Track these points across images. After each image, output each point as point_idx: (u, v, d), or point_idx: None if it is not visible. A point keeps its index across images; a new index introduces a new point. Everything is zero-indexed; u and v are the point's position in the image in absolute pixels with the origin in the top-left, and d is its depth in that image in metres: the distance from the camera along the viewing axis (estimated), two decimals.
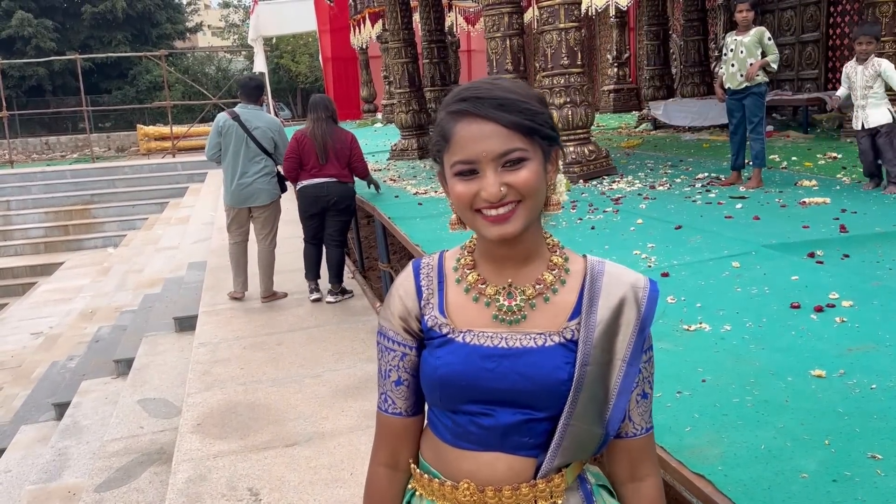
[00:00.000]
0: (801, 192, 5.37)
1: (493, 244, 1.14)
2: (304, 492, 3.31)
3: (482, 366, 1.12)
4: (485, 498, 1.13)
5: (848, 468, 1.68)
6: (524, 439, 1.13)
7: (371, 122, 19.34)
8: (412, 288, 1.21)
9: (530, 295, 1.15)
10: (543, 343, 1.12)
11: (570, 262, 1.19)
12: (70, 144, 27.39)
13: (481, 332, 1.14)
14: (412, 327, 1.20)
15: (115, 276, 11.29)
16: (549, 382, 1.10)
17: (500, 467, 1.13)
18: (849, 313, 2.74)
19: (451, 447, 1.17)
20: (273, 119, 6.26)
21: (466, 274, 1.18)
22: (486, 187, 1.07)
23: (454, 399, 1.14)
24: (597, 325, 1.12)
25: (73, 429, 5.28)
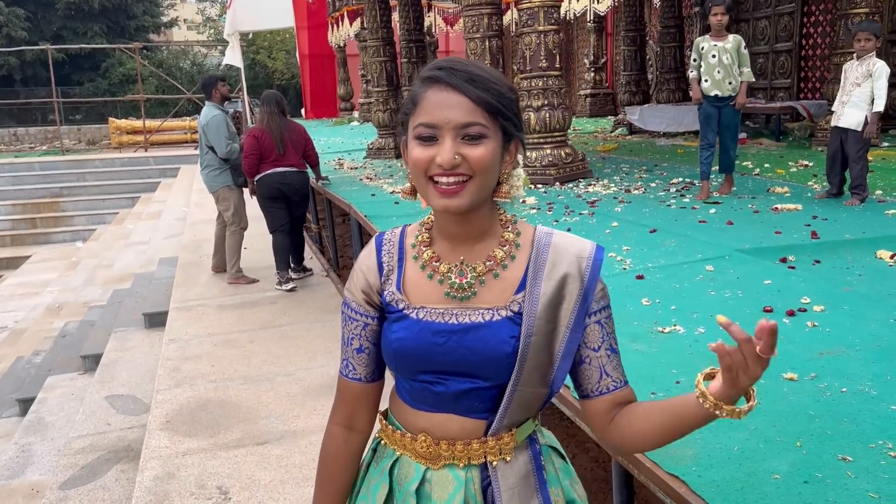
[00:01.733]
0: (773, 199, 5.44)
1: (447, 221, 1.20)
2: (274, 490, 3.28)
3: (433, 341, 1.18)
4: (439, 450, 1.22)
5: (819, 470, 1.70)
6: (474, 404, 1.21)
7: (348, 121, 19.25)
8: (374, 263, 1.27)
9: (480, 272, 1.20)
10: (491, 318, 1.18)
11: (520, 237, 1.23)
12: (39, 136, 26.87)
13: (433, 309, 1.20)
14: (373, 300, 1.27)
15: (84, 271, 11.10)
16: (495, 356, 1.16)
17: (453, 427, 1.22)
18: (820, 318, 2.78)
19: (411, 408, 1.25)
20: (208, 112, 6.54)
21: (423, 251, 1.24)
22: (441, 153, 1.11)
23: (408, 369, 1.22)
24: (540, 298, 1.17)
25: (38, 425, 5.17)
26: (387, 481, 1.26)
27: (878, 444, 1.80)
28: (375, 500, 1.27)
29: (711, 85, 5.69)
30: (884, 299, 2.99)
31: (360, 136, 13.95)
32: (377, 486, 1.28)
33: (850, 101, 5.16)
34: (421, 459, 1.24)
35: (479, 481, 1.22)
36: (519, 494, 1.22)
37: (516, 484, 1.22)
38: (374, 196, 6.54)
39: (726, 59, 5.61)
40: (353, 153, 11.15)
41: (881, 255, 3.67)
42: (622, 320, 2.90)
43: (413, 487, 1.22)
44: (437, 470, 1.23)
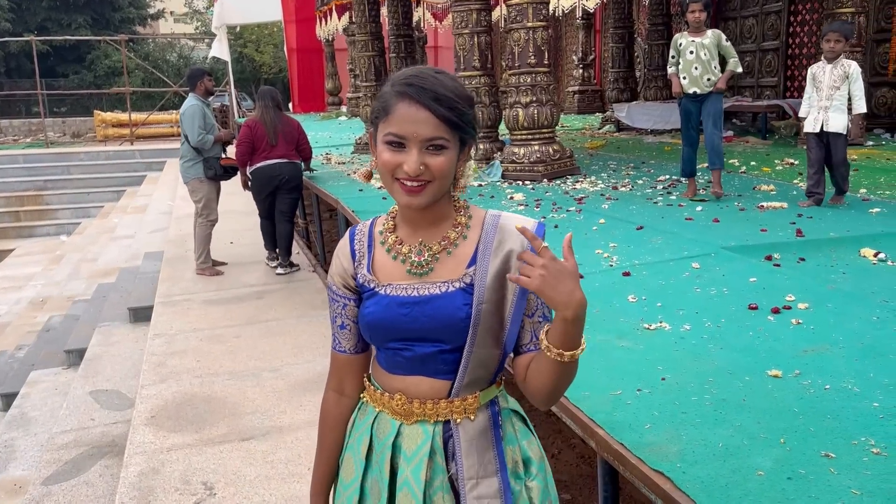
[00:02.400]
0: (759, 197, 5.47)
1: (407, 211, 1.40)
2: (260, 486, 3.27)
3: (399, 312, 1.37)
4: (412, 408, 1.40)
5: (802, 466, 1.71)
6: (439, 366, 1.39)
7: (336, 115, 19.17)
8: (348, 251, 1.47)
9: (436, 251, 1.39)
10: (446, 290, 1.36)
11: (472, 220, 1.41)
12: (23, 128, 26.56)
13: (398, 285, 1.39)
14: (349, 283, 1.46)
15: (68, 265, 11.01)
16: (452, 321, 1.34)
17: (423, 387, 1.40)
18: (804, 315, 2.80)
19: (387, 372, 1.44)
20: (187, 104, 6.61)
21: (388, 237, 1.44)
22: (408, 162, 1.29)
23: (381, 338, 1.41)
24: (489, 271, 1.35)
25: (21, 420, 5.13)
26: (368, 434, 1.45)
27: (861, 441, 1.82)
28: (359, 451, 1.47)
29: (689, 82, 5.63)
30: (867, 297, 3.02)
31: (348, 130, 13.90)
32: (360, 438, 1.48)
33: (833, 106, 5.03)
34: (397, 416, 1.42)
35: (443, 434, 1.40)
36: (476, 447, 1.40)
37: (474, 437, 1.40)
38: (361, 191, 6.52)
39: (704, 54, 5.55)
40: (340, 148, 11.11)
41: (865, 254, 3.70)
42: (608, 317, 2.91)
43: (390, 440, 1.41)
44: (409, 425, 1.41)
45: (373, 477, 1.44)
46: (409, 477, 1.38)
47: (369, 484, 1.44)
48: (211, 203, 6.81)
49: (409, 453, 1.39)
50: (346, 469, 1.50)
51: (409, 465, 1.39)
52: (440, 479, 1.38)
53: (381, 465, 1.41)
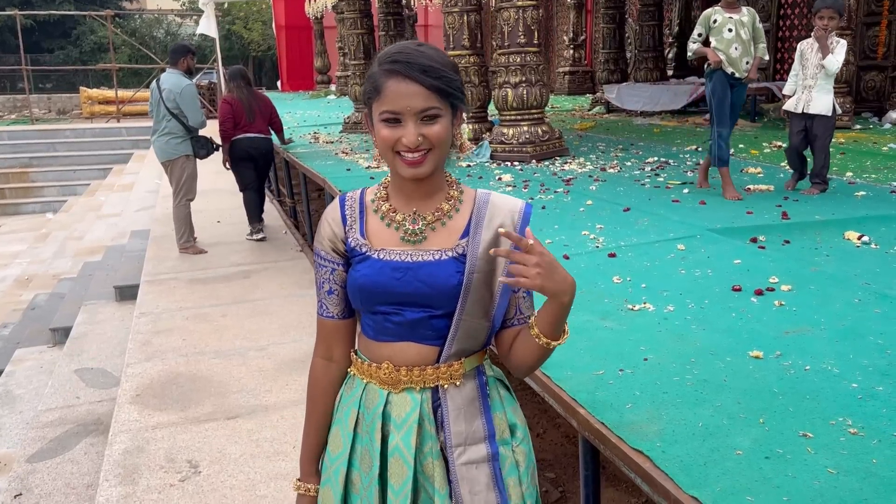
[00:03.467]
0: (746, 179, 5.49)
1: (405, 182, 1.42)
2: (245, 464, 3.27)
3: (392, 276, 1.41)
4: (399, 376, 1.43)
5: (780, 446, 1.73)
6: (427, 332, 1.43)
7: (324, 94, 19.04)
8: (338, 216, 1.49)
9: (430, 220, 1.43)
10: (440, 257, 1.41)
11: (463, 195, 1.47)
12: (8, 104, 26.22)
13: (392, 250, 1.43)
14: (338, 248, 1.49)
15: (54, 243, 10.92)
16: (444, 287, 1.39)
17: (411, 352, 1.43)
18: (787, 297, 2.82)
19: (374, 341, 1.47)
20: (179, 81, 6.48)
21: (381, 205, 1.47)
22: (406, 135, 1.34)
23: (371, 301, 1.43)
24: (481, 243, 1.40)
25: (6, 398, 5.10)
26: (356, 407, 1.49)
27: (839, 421, 1.84)
28: (347, 424, 1.50)
29: (728, 62, 5.00)
30: (850, 280, 3.04)
31: (337, 109, 13.81)
32: (348, 411, 1.51)
33: (818, 85, 4.89)
34: (384, 385, 1.45)
35: (431, 402, 1.44)
36: (465, 415, 1.44)
37: (463, 406, 1.44)
38: (349, 171, 6.49)
39: (744, 33, 4.97)
40: (329, 127, 11.04)
41: (849, 237, 3.73)
42: (593, 298, 2.92)
43: (379, 409, 1.44)
44: (397, 393, 1.44)
45: (362, 447, 1.47)
46: (400, 443, 1.42)
47: (358, 454, 1.48)
48: (193, 181, 6.78)
49: (398, 421, 1.43)
50: (334, 442, 1.52)
51: (399, 432, 1.42)
52: (429, 446, 1.43)
53: (372, 434, 1.44)
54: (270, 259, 6.69)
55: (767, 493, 1.54)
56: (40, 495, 3.53)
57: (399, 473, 1.43)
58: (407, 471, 1.42)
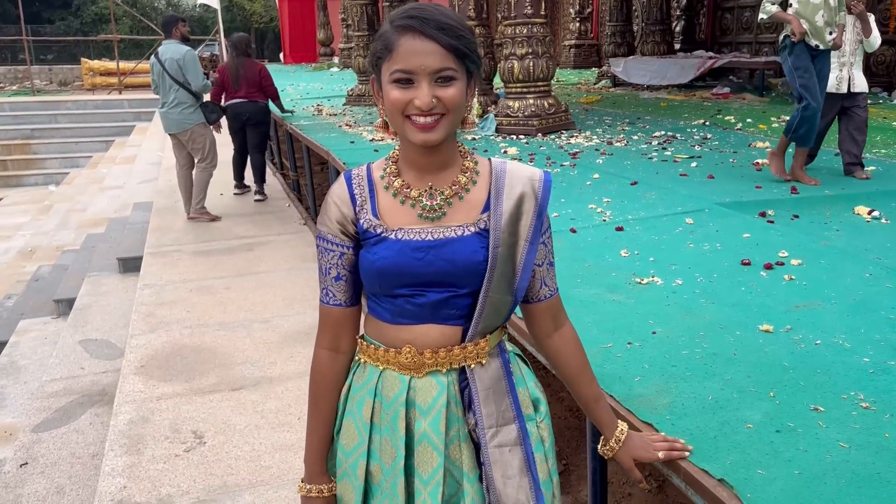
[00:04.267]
0: (754, 154, 5.43)
1: (416, 153, 1.34)
2: (249, 435, 3.28)
3: (413, 256, 1.32)
4: (423, 359, 1.36)
5: (791, 419, 1.71)
6: (451, 311, 1.36)
7: (327, 67, 18.88)
8: (346, 196, 1.39)
9: (448, 195, 1.35)
10: (462, 233, 1.34)
11: (479, 165, 1.40)
12: (9, 76, 26.04)
13: (410, 229, 1.34)
14: (349, 230, 1.38)
15: (57, 215, 10.90)
16: (469, 264, 1.33)
17: (434, 334, 1.36)
18: (797, 271, 2.79)
19: (392, 324, 1.38)
20: (178, 48, 6.59)
21: (393, 181, 1.37)
22: (420, 97, 1.24)
23: (391, 286, 1.35)
24: (503, 215, 1.34)
25: (10, 368, 5.11)
26: (371, 396, 1.40)
27: (850, 395, 1.82)
28: (362, 414, 1.41)
29: (813, 33, 4.36)
30: (860, 254, 3.01)
31: (340, 82, 13.70)
32: (362, 401, 1.41)
33: (857, 62, 4.63)
34: (405, 371, 1.37)
35: (458, 384, 1.38)
36: (493, 395, 1.39)
37: (491, 385, 1.39)
38: (353, 143, 6.43)
39: (833, 1, 4.36)
40: (332, 99, 10.95)
41: (859, 211, 3.69)
42: (601, 271, 2.90)
43: (402, 397, 1.36)
44: (420, 378, 1.37)
45: (382, 438, 1.39)
46: (428, 430, 1.35)
47: (377, 446, 1.40)
48: (215, 147, 6.95)
49: (423, 407, 1.36)
50: (347, 436, 1.43)
51: (426, 418, 1.35)
52: (456, 429, 1.37)
53: (394, 423, 1.37)
54: (274, 232, 6.67)
55: (778, 466, 1.52)
56: (46, 464, 3.54)
57: (428, 461, 1.36)
58: (437, 457, 1.35)
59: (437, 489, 1.35)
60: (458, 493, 1.38)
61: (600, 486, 2.02)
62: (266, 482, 2.93)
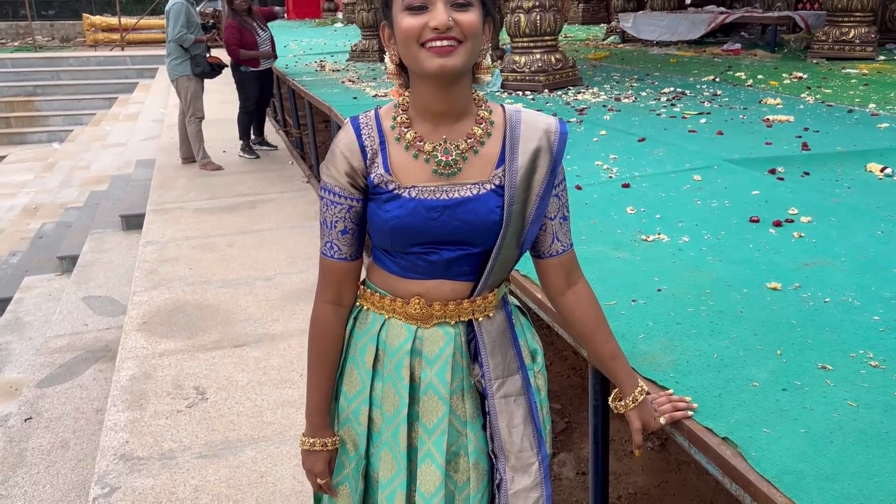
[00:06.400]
0: (765, 110, 5.32)
1: (430, 94, 1.26)
2: (252, 391, 3.28)
3: (428, 216, 1.28)
4: (432, 311, 1.35)
5: (798, 378, 1.68)
6: (463, 268, 1.35)
7: (331, 22, 18.58)
8: (356, 147, 1.31)
9: (463, 149, 1.30)
10: (478, 192, 1.29)
11: (493, 115, 1.34)
12: (10, 32, 25.75)
13: (424, 187, 1.29)
14: (358, 183, 1.32)
15: (60, 172, 10.86)
16: (485, 224, 1.30)
17: (445, 289, 1.35)
18: (807, 229, 2.73)
19: (400, 277, 1.35)
20: (172, 2, 6.81)
21: (404, 132, 1.30)
22: (436, 16, 1.18)
23: (404, 244, 1.32)
24: (518, 171, 1.30)
25: (15, 324, 5.13)
26: (374, 343, 1.39)
27: (859, 354, 1.78)
28: (364, 361, 1.40)
29: None
30: (871, 212, 2.94)
31: (344, 37, 13.47)
32: (364, 348, 1.40)
33: None
34: (412, 321, 1.36)
35: (465, 335, 1.39)
36: (499, 347, 1.40)
37: (496, 338, 1.40)
38: (356, 99, 6.33)
39: None
40: (335, 55, 10.77)
41: (871, 168, 3.61)
42: (606, 228, 2.84)
43: (407, 346, 1.35)
44: (428, 328, 1.36)
45: (385, 385, 1.38)
46: (434, 379, 1.35)
47: (378, 394, 1.40)
48: (197, 100, 7.09)
49: (430, 356, 1.36)
50: (350, 382, 1.43)
51: (433, 367, 1.36)
52: (460, 379, 1.38)
53: (398, 372, 1.36)
54: (276, 190, 6.62)
55: (784, 424, 1.49)
56: (50, 419, 3.56)
57: (433, 410, 1.36)
58: (443, 407, 1.36)
59: (441, 437, 1.35)
60: (459, 441, 1.39)
61: (602, 443, 2.00)
62: (268, 438, 2.94)
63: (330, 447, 1.44)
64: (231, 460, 2.80)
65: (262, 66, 7.53)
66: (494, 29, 1.33)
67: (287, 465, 2.76)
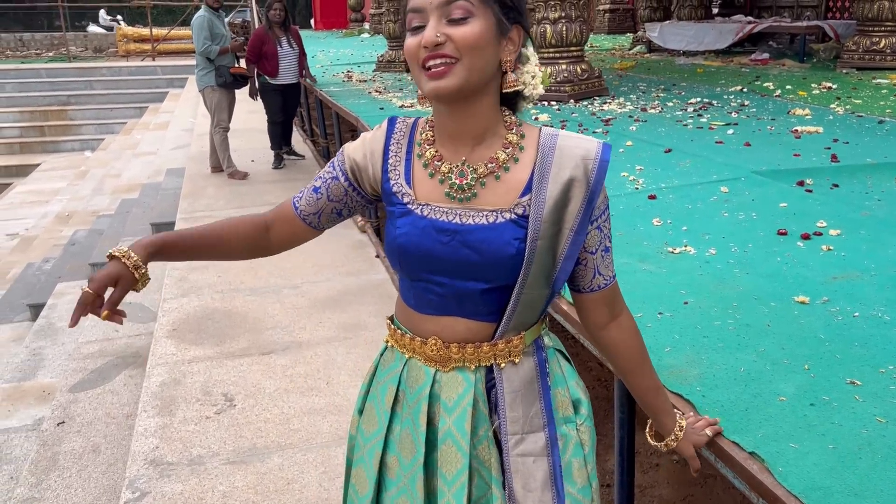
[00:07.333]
0: (793, 121, 5.28)
1: (442, 114, 1.20)
2: (279, 399, 3.32)
3: (437, 238, 1.19)
4: (449, 353, 1.25)
5: (826, 393, 1.67)
6: (478, 307, 1.23)
7: (358, 32, 18.74)
8: (380, 147, 1.27)
9: (481, 173, 1.20)
10: (495, 220, 1.18)
11: (525, 140, 1.22)
12: (45, 42, 26.30)
13: (437, 207, 1.21)
14: (360, 179, 1.29)
15: (93, 180, 11.06)
16: (499, 258, 1.17)
17: (460, 329, 1.25)
18: (835, 242, 2.71)
19: (416, 312, 1.28)
20: (196, 15, 7.05)
21: (426, 149, 1.24)
22: (425, 33, 1.10)
23: (412, 267, 1.23)
24: (546, 202, 1.17)
25: (48, 330, 5.24)
26: (395, 384, 1.32)
27: (889, 369, 1.77)
28: (384, 402, 1.33)
29: None
30: None
31: (371, 48, 13.59)
32: (385, 387, 1.34)
33: None
34: (431, 363, 1.27)
35: (486, 382, 1.27)
36: (522, 399, 1.26)
37: (520, 388, 1.26)
38: (382, 110, 6.39)
39: None
40: (362, 66, 10.88)
41: None
42: (632, 240, 2.85)
43: (426, 390, 1.27)
44: (446, 372, 1.26)
45: (402, 429, 1.30)
46: (452, 428, 1.24)
47: (395, 437, 1.32)
48: (222, 110, 7.23)
49: (449, 403, 1.25)
50: (368, 420, 1.36)
51: (451, 415, 1.25)
52: (484, 429, 1.26)
53: (416, 417, 1.27)
54: None
55: (812, 440, 1.48)
56: (82, 423, 3.63)
57: (452, 461, 1.25)
58: (462, 459, 1.24)
59: (461, 491, 1.24)
60: (488, 494, 1.28)
61: (627, 456, 2.00)
62: (294, 445, 2.97)
63: (130, 267, 1.24)
64: (258, 467, 2.84)
65: (281, 80, 7.47)
66: (524, 35, 1.20)
67: (313, 473, 2.79)
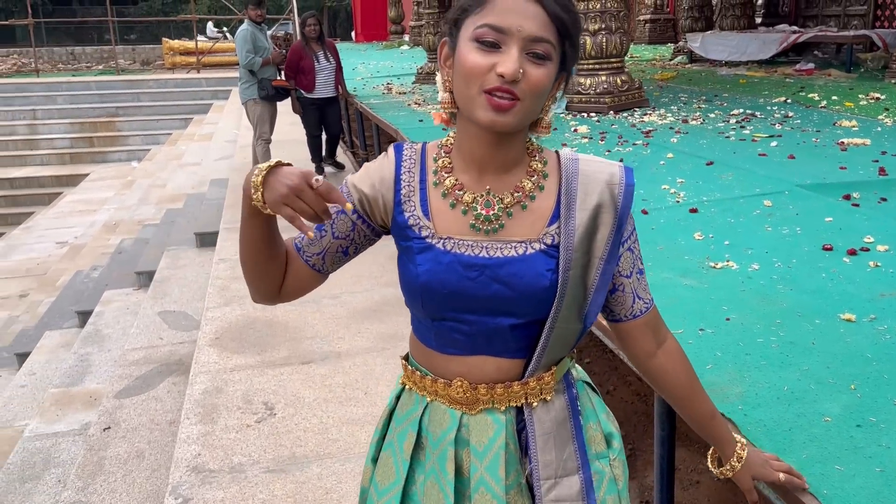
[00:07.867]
0: (839, 133, 5.17)
1: (477, 143, 1.11)
2: (318, 408, 3.35)
3: (465, 275, 1.11)
4: (477, 394, 1.17)
5: (873, 413, 1.63)
6: (509, 344, 1.16)
7: (398, 45, 18.91)
8: (391, 177, 1.18)
9: (508, 203, 1.14)
10: (524, 252, 1.12)
11: (548, 165, 1.18)
12: (95, 55, 27.12)
13: (461, 241, 1.13)
14: (370, 210, 1.18)
15: (139, 190, 11.34)
16: (532, 290, 1.12)
17: (489, 368, 1.17)
18: (883, 258, 2.65)
19: (439, 353, 1.19)
20: (240, 28, 7.20)
21: (444, 178, 1.16)
22: (505, 62, 1.02)
23: (437, 307, 1.15)
24: (576, 230, 1.12)
25: (96, 336, 5.38)
26: (414, 429, 1.23)
27: None
28: (402, 450, 1.24)
29: None
30: None
31: (410, 60, 13.70)
32: (403, 434, 1.24)
33: None
34: (456, 405, 1.19)
35: (517, 423, 1.20)
36: (555, 440, 1.20)
37: (552, 429, 1.20)
38: (421, 122, 6.44)
39: None
40: (402, 78, 10.97)
41: None
42: (673, 254, 2.82)
43: (451, 434, 1.18)
44: (474, 415, 1.18)
45: (427, 480, 1.21)
46: (486, 475, 1.17)
47: (420, 488, 1.22)
48: (264, 122, 7.37)
49: (479, 448, 1.18)
50: (383, 471, 1.26)
51: (483, 461, 1.17)
52: (516, 473, 1.20)
53: (443, 465, 1.19)
54: None
55: (858, 462, 1.45)
56: (127, 429, 3.72)
57: None
58: None
59: None
60: None
61: (668, 473, 1.98)
62: (333, 455, 3.00)
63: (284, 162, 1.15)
64: (297, 476, 2.87)
65: (318, 94, 7.50)
66: (566, 84, 1.18)
67: (351, 483, 2.82)
